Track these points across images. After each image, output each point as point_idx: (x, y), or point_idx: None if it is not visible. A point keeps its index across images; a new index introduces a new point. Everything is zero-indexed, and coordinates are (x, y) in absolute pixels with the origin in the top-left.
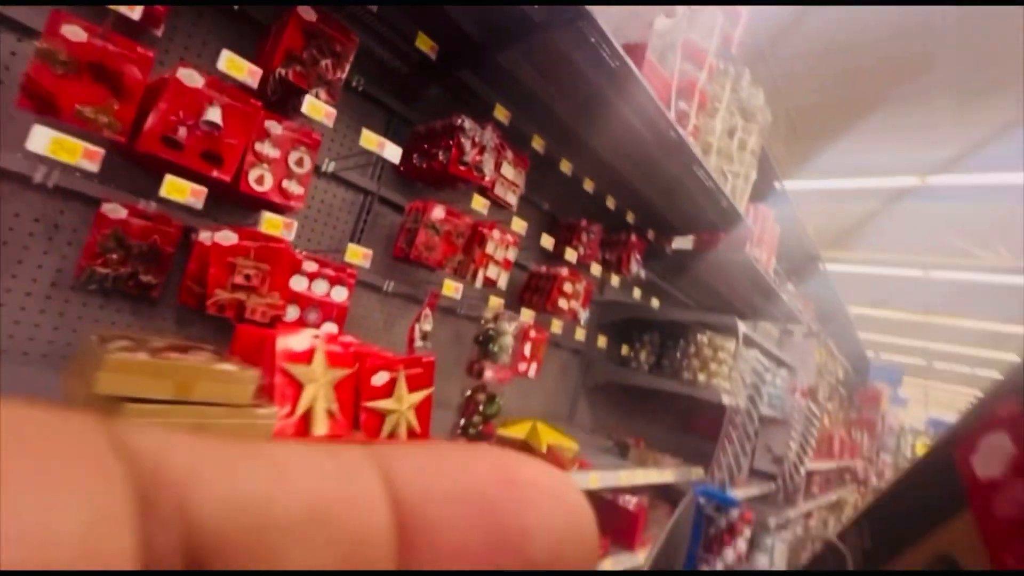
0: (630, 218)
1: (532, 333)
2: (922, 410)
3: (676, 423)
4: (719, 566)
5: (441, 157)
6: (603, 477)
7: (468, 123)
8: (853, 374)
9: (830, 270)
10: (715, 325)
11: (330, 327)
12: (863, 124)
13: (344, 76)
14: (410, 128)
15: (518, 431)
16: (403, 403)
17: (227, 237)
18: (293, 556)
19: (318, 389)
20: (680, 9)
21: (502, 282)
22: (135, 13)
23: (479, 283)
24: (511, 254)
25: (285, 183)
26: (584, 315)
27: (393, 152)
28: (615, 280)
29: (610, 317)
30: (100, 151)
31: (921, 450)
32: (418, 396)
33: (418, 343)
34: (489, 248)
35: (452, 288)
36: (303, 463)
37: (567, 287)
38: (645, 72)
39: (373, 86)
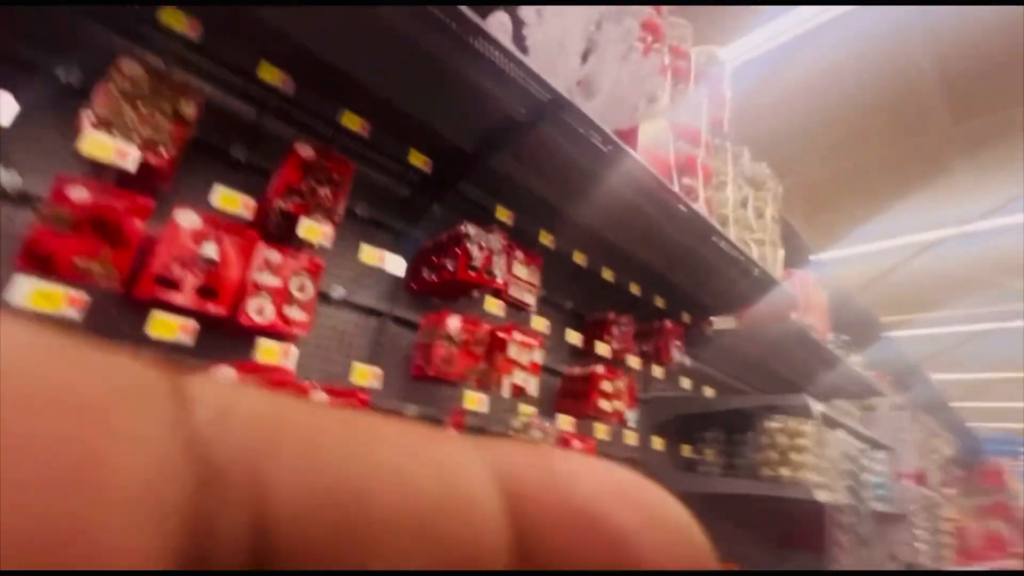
0: (660, 303)
1: (576, 443)
2: None
3: (770, 535)
4: None
5: (449, 266)
6: None
7: (473, 229)
8: (963, 452)
9: (895, 336)
10: (783, 407)
11: None
12: (876, 189)
13: (344, 201)
14: (417, 247)
15: None
16: None
17: (226, 376)
18: (385, 561)
19: None
20: (663, 92)
21: (532, 388)
22: (129, 163)
23: (506, 392)
24: (537, 356)
25: (286, 309)
26: (631, 416)
27: (396, 264)
28: (658, 372)
29: (662, 416)
30: (84, 297)
31: None
32: None
33: None
34: (512, 352)
35: (475, 401)
36: (404, 446)
37: (606, 386)
38: (641, 153)
39: (376, 211)
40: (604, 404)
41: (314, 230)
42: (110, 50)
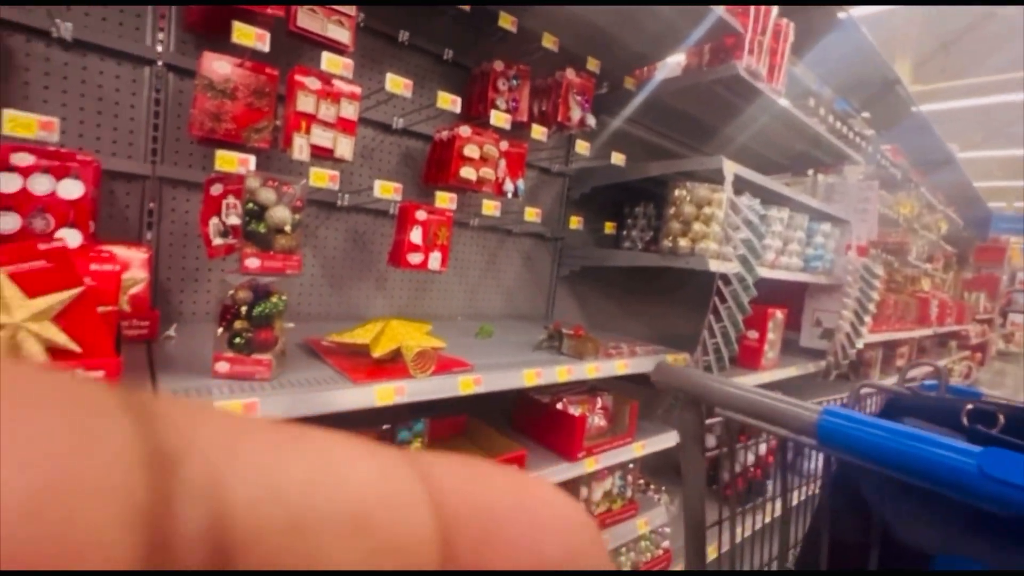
0: (549, 43)
1: (420, 215)
2: None
3: (676, 306)
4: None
5: None
6: (494, 380)
7: None
8: (966, 228)
9: (926, 110)
10: (697, 173)
11: (70, 234)
12: None
13: None
14: None
15: (361, 336)
16: (15, 313)
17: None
18: (332, 560)
19: None
20: None
21: (344, 151)
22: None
23: (300, 153)
24: (350, 111)
25: None
26: (514, 187)
27: None
28: (539, 134)
29: (581, 190)
30: None
31: None
32: (49, 301)
33: (218, 240)
34: (303, 104)
35: (234, 162)
36: (345, 457)
37: (470, 151)
38: None
39: None
40: (467, 172)
41: None
42: None
